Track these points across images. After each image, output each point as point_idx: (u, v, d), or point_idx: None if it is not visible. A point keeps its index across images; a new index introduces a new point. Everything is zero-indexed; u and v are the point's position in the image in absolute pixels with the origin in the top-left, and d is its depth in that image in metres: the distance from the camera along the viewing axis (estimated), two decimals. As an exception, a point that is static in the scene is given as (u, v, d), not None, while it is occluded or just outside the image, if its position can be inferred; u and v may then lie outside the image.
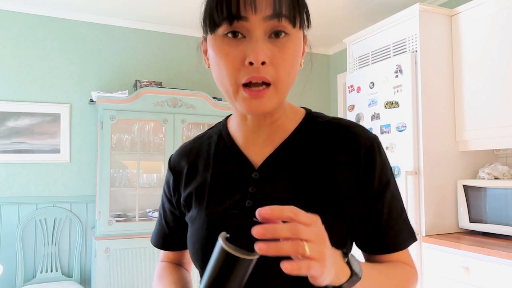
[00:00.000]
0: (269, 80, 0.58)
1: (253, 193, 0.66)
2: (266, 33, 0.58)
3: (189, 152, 0.78)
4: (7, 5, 3.16)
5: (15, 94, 3.17)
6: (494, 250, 1.90)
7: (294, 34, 0.60)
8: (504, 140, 2.20)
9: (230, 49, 0.58)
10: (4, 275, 3.02)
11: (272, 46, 0.58)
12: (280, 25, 0.58)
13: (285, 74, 0.60)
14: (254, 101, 0.59)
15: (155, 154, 3.28)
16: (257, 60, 0.56)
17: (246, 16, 0.57)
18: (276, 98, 0.61)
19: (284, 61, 0.59)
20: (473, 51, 2.37)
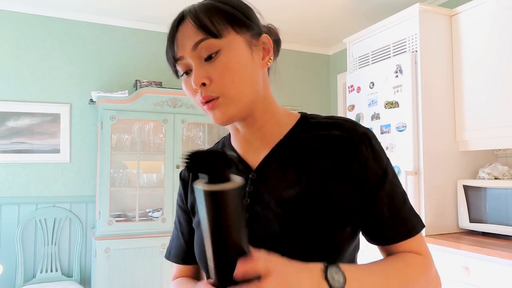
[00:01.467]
0: (213, 96, 0.66)
1: (250, 192, 0.70)
2: (200, 59, 0.66)
3: None
4: (7, 5, 3.16)
5: (15, 94, 3.17)
6: (494, 250, 1.90)
7: (226, 45, 0.65)
8: (504, 140, 2.20)
9: (187, 84, 0.69)
10: (4, 275, 3.02)
11: (210, 67, 0.65)
12: (208, 47, 0.65)
13: (228, 85, 0.65)
14: (212, 112, 0.67)
15: (155, 154, 3.28)
16: (196, 84, 0.65)
17: (180, 56, 0.67)
18: (233, 105, 0.67)
19: (223, 74, 0.65)
20: (473, 51, 2.37)
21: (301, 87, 4.14)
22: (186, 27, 0.66)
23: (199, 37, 0.64)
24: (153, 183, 3.24)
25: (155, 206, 3.31)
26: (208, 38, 0.64)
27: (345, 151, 0.68)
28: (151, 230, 3.05)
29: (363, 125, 0.72)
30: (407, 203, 0.71)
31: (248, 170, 0.73)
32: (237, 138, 0.76)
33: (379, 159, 0.69)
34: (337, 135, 0.70)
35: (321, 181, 0.67)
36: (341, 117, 0.74)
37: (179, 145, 3.21)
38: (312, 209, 0.66)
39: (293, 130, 0.73)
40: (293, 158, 0.70)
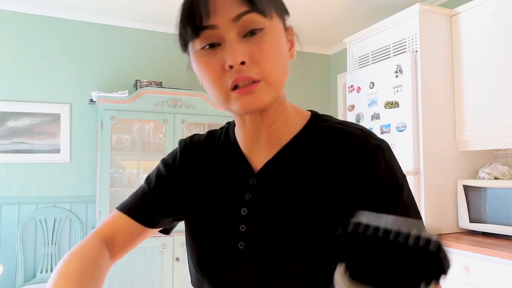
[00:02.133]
0: (255, 78, 0.56)
1: (248, 201, 0.64)
2: (239, 34, 0.56)
3: (197, 145, 0.75)
4: (7, 5, 3.16)
5: (15, 94, 3.17)
6: (494, 250, 1.90)
7: (269, 26, 0.58)
8: (504, 140, 2.20)
9: (209, 59, 0.57)
10: (4, 275, 3.02)
11: (250, 45, 0.56)
12: (252, 22, 0.56)
13: (270, 68, 0.57)
14: (246, 97, 0.57)
15: (155, 154, 3.28)
16: (235, 62, 0.55)
17: (212, 24, 0.55)
18: (271, 92, 0.58)
19: (265, 55, 0.57)
20: (473, 51, 2.37)
21: (301, 87, 4.14)
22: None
23: (244, 8, 0.55)
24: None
25: (155, 206, 3.31)
26: (255, 12, 0.56)
27: (356, 165, 0.61)
28: (151, 230, 3.04)
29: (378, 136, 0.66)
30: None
31: (249, 174, 0.66)
32: (242, 132, 0.68)
33: (392, 175, 0.62)
34: (349, 146, 0.63)
35: (327, 197, 0.61)
36: (354, 125, 0.67)
37: (179, 145, 3.20)
38: (314, 225, 0.59)
39: (302, 133, 0.66)
40: (300, 167, 0.63)
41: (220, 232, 0.64)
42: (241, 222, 0.63)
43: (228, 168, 0.69)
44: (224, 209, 0.65)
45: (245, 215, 0.63)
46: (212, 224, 0.66)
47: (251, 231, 0.62)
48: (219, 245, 0.64)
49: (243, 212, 0.63)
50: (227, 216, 0.64)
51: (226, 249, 0.63)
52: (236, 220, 0.63)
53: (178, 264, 3.05)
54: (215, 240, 0.65)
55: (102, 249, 0.66)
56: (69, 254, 0.62)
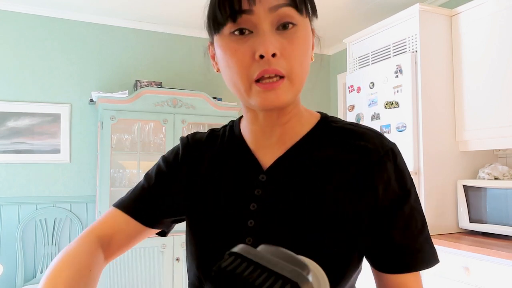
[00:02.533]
0: (282, 73, 0.56)
1: (258, 196, 0.63)
2: (273, 25, 0.56)
3: (198, 142, 0.74)
4: (7, 5, 3.16)
5: (15, 94, 3.17)
6: (494, 250, 1.90)
7: (302, 24, 0.58)
8: (504, 140, 2.21)
9: (238, 46, 0.56)
10: (4, 275, 3.02)
11: (281, 38, 0.56)
12: (287, 15, 0.56)
13: (297, 66, 0.57)
14: (268, 93, 0.56)
15: (155, 154, 3.28)
16: (267, 52, 0.54)
17: (250, 9, 0.55)
18: (292, 91, 0.58)
19: (295, 52, 0.57)
20: (473, 51, 2.37)
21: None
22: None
23: (283, 0, 0.55)
24: (153, 183, 3.23)
25: (155, 206, 3.31)
26: (292, 6, 0.56)
27: (369, 165, 0.61)
28: (151, 230, 3.04)
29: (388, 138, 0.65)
30: (424, 233, 0.62)
31: (258, 170, 0.65)
32: (253, 128, 0.66)
33: (402, 179, 0.62)
34: (362, 146, 0.62)
35: (338, 196, 0.60)
36: (366, 126, 0.66)
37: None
38: (325, 225, 0.59)
39: (313, 132, 0.66)
40: (310, 165, 0.63)
41: (226, 228, 0.63)
42: (250, 217, 0.62)
43: (234, 164, 0.68)
44: (230, 205, 0.64)
45: (254, 210, 0.62)
46: (217, 220, 0.65)
47: (260, 226, 0.61)
48: (224, 241, 0.62)
49: (252, 207, 0.63)
50: (234, 212, 0.63)
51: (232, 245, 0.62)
52: (244, 216, 0.62)
53: (178, 264, 3.05)
54: (220, 237, 0.63)
55: (97, 252, 0.63)
56: (60, 258, 0.59)
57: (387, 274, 0.61)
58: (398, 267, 0.60)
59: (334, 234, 0.59)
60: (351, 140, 0.63)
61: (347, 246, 0.60)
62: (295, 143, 0.65)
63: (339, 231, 0.59)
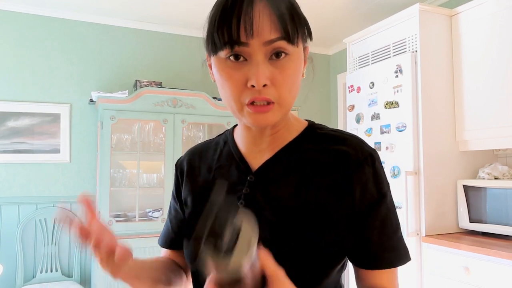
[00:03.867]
0: (271, 100, 0.61)
1: (246, 194, 0.69)
2: (266, 55, 0.60)
3: (193, 154, 0.81)
4: (7, 5, 3.16)
5: (15, 94, 3.17)
6: (494, 250, 1.90)
7: (294, 53, 0.62)
8: (504, 140, 2.20)
9: (233, 72, 0.61)
10: (4, 275, 3.02)
11: (273, 68, 0.60)
12: (280, 47, 0.60)
13: (286, 92, 0.62)
14: (259, 115, 0.62)
15: (155, 154, 3.28)
16: (259, 84, 0.58)
17: (246, 42, 0.58)
18: (281, 113, 0.64)
19: (285, 80, 0.61)
20: (473, 51, 2.37)
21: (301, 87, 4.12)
22: (263, 12, 0.59)
23: (277, 35, 0.59)
24: (153, 183, 3.24)
25: (155, 206, 3.31)
26: (285, 40, 0.60)
27: (348, 168, 0.66)
28: (151, 230, 3.04)
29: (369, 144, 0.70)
30: (398, 233, 0.68)
31: (247, 171, 0.71)
32: (245, 136, 0.73)
33: (379, 183, 0.67)
34: (343, 151, 0.68)
35: (319, 196, 0.65)
36: (348, 133, 0.72)
37: (179, 145, 3.20)
38: (306, 223, 0.64)
39: (299, 138, 0.71)
40: (295, 167, 0.68)
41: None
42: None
43: (227, 168, 0.74)
44: None
45: (242, 206, 0.68)
46: None
47: None
48: None
49: (240, 204, 0.68)
50: None
51: None
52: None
53: (178, 264, 3.04)
54: None
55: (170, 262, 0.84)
56: None
57: (365, 270, 0.67)
58: (374, 264, 0.66)
59: (316, 232, 0.63)
60: (333, 145, 0.69)
61: (328, 244, 0.64)
62: (282, 148, 0.71)
63: (320, 229, 0.64)
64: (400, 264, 0.67)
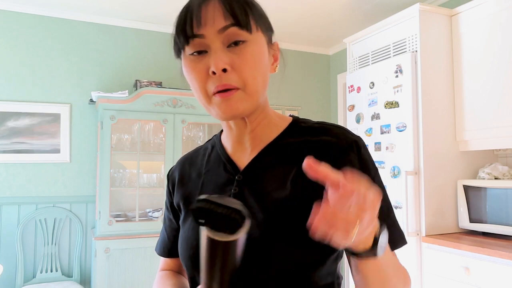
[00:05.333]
0: (234, 86, 0.63)
1: (235, 193, 0.69)
2: (224, 43, 0.63)
3: (184, 162, 0.83)
4: (7, 5, 3.16)
5: (15, 94, 3.17)
6: (494, 250, 1.90)
7: (252, 39, 0.64)
8: (504, 140, 2.20)
9: (196, 64, 0.64)
10: (4, 275, 3.02)
11: (232, 54, 0.63)
12: (235, 34, 0.63)
13: (250, 78, 0.63)
14: (224, 103, 0.63)
15: (155, 154, 3.28)
16: (217, 68, 0.61)
17: (200, 33, 0.62)
18: (248, 100, 0.64)
19: (246, 65, 0.63)
20: (473, 51, 2.37)
21: (301, 87, 4.14)
22: (214, 5, 0.63)
23: (229, 22, 0.62)
24: (153, 183, 3.24)
25: (155, 206, 3.31)
26: (238, 26, 0.63)
27: (333, 158, 0.66)
28: (151, 230, 3.04)
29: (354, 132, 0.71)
30: (390, 215, 0.68)
31: (235, 171, 0.72)
32: (229, 137, 0.75)
33: (366, 169, 0.67)
34: (326, 141, 0.68)
35: (305, 187, 0.65)
36: (332, 123, 0.73)
37: (179, 145, 3.21)
38: (295, 215, 0.64)
39: (283, 133, 0.72)
40: (281, 162, 0.69)
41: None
42: None
43: (216, 169, 0.76)
44: None
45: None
46: None
47: None
48: None
49: None
50: None
51: None
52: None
53: (178, 264, 3.04)
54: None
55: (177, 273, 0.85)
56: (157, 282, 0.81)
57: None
58: None
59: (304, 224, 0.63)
60: (316, 137, 0.70)
61: None
62: (267, 145, 0.72)
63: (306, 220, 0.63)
64: (394, 247, 0.66)
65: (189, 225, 0.73)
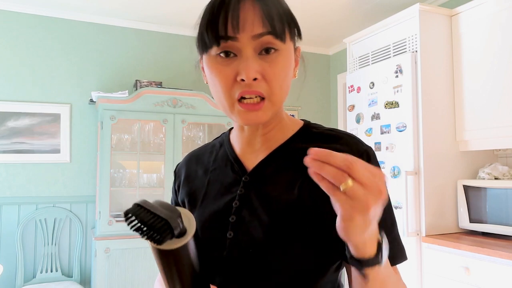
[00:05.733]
0: (263, 94, 0.61)
1: (241, 195, 0.69)
2: (256, 50, 0.61)
3: (191, 159, 0.82)
4: (7, 5, 3.16)
5: (15, 94, 3.17)
6: (494, 250, 1.90)
7: (284, 49, 0.63)
8: (504, 140, 2.20)
9: (223, 67, 0.61)
10: (4, 275, 3.02)
11: (263, 62, 0.61)
12: (269, 42, 0.61)
13: (277, 88, 0.62)
14: (249, 113, 0.62)
15: (155, 154, 3.28)
16: (248, 77, 0.59)
17: (234, 36, 0.59)
18: (272, 110, 0.64)
19: (275, 75, 0.61)
20: (473, 51, 2.37)
21: (301, 87, 4.14)
22: (253, 8, 0.60)
23: (265, 29, 0.60)
24: (153, 183, 3.24)
25: (155, 206, 3.31)
26: (273, 35, 0.60)
27: None
28: (151, 230, 3.04)
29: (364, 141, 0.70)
30: (394, 230, 0.67)
31: (242, 171, 0.71)
32: (239, 137, 0.74)
33: None
34: (337, 149, 0.65)
35: (313, 194, 0.64)
36: (344, 131, 0.71)
37: (179, 145, 3.21)
38: (300, 221, 0.63)
39: (294, 137, 0.71)
40: (289, 166, 0.68)
41: (212, 225, 0.70)
42: (232, 213, 0.68)
43: (224, 169, 0.75)
44: (218, 204, 0.71)
45: (236, 207, 0.68)
46: (205, 219, 0.71)
47: (238, 222, 0.67)
48: (210, 237, 0.69)
49: (235, 204, 0.69)
50: (220, 208, 0.70)
51: (216, 237, 0.68)
52: (228, 212, 0.69)
53: (178, 264, 3.04)
54: (207, 234, 0.69)
55: None
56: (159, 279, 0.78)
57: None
58: None
59: (309, 231, 0.63)
60: (328, 144, 0.68)
61: (322, 244, 0.63)
62: (277, 148, 0.71)
63: (314, 228, 0.63)
64: (393, 264, 0.65)
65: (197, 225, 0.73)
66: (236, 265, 0.65)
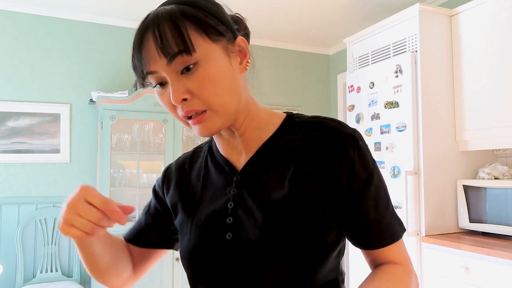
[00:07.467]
0: (200, 110, 0.62)
1: (234, 195, 0.69)
2: (177, 72, 0.61)
3: (184, 163, 0.83)
4: (7, 5, 3.16)
5: (15, 94, 3.17)
6: (494, 250, 1.90)
7: (203, 57, 0.61)
8: (504, 140, 2.21)
9: (163, 96, 0.64)
10: (4, 275, 3.02)
11: (187, 81, 0.61)
12: (183, 61, 0.60)
13: (212, 97, 0.62)
14: (198, 126, 0.64)
15: (155, 154, 3.28)
16: (177, 102, 0.61)
17: (151, 71, 0.62)
18: (220, 117, 0.64)
19: (203, 87, 0.61)
20: (473, 51, 2.37)
21: (301, 87, 4.14)
22: (152, 39, 0.61)
23: (170, 52, 0.60)
24: (153, 183, 3.23)
25: (155, 206, 3.31)
26: (181, 54, 0.60)
27: (329, 154, 0.66)
28: (151, 230, 3.04)
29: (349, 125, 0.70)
30: (390, 208, 0.69)
31: (233, 172, 0.72)
32: (220, 142, 0.74)
33: (365, 162, 0.66)
34: (321, 136, 0.67)
35: (304, 186, 0.65)
36: (326, 117, 0.71)
37: (179, 145, 3.21)
38: (294, 215, 0.64)
39: (277, 132, 0.71)
40: (276, 162, 0.69)
41: (209, 227, 0.70)
42: (228, 215, 0.68)
43: (215, 172, 0.75)
44: (212, 206, 0.71)
45: (231, 207, 0.69)
46: (201, 222, 0.72)
47: (236, 222, 0.67)
48: (208, 239, 0.69)
49: (230, 206, 0.69)
50: (215, 211, 0.70)
51: (215, 240, 0.68)
52: (224, 214, 0.69)
53: (178, 264, 3.05)
54: (204, 236, 0.70)
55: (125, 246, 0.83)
56: None
57: (373, 250, 0.69)
58: (377, 243, 0.68)
59: (305, 223, 0.63)
60: (312, 132, 0.69)
61: (318, 233, 0.64)
62: (263, 144, 0.71)
63: (309, 219, 0.64)
64: (398, 238, 0.69)
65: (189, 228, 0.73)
66: (236, 265, 0.65)
